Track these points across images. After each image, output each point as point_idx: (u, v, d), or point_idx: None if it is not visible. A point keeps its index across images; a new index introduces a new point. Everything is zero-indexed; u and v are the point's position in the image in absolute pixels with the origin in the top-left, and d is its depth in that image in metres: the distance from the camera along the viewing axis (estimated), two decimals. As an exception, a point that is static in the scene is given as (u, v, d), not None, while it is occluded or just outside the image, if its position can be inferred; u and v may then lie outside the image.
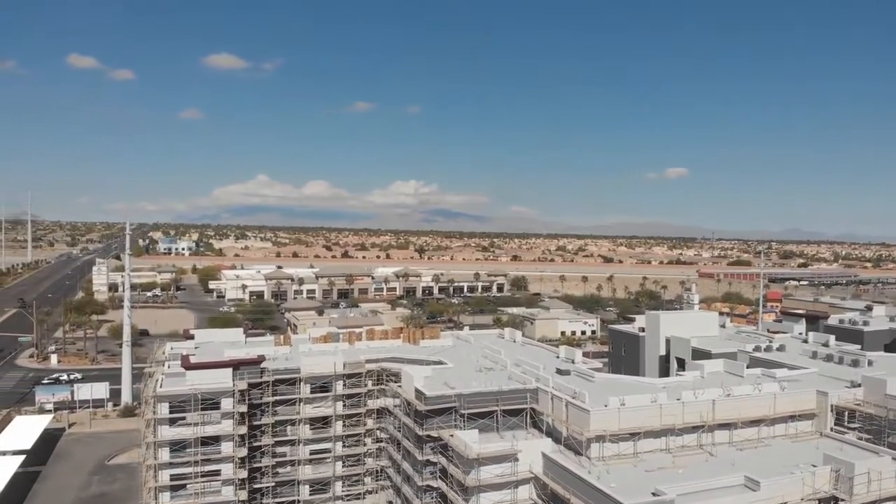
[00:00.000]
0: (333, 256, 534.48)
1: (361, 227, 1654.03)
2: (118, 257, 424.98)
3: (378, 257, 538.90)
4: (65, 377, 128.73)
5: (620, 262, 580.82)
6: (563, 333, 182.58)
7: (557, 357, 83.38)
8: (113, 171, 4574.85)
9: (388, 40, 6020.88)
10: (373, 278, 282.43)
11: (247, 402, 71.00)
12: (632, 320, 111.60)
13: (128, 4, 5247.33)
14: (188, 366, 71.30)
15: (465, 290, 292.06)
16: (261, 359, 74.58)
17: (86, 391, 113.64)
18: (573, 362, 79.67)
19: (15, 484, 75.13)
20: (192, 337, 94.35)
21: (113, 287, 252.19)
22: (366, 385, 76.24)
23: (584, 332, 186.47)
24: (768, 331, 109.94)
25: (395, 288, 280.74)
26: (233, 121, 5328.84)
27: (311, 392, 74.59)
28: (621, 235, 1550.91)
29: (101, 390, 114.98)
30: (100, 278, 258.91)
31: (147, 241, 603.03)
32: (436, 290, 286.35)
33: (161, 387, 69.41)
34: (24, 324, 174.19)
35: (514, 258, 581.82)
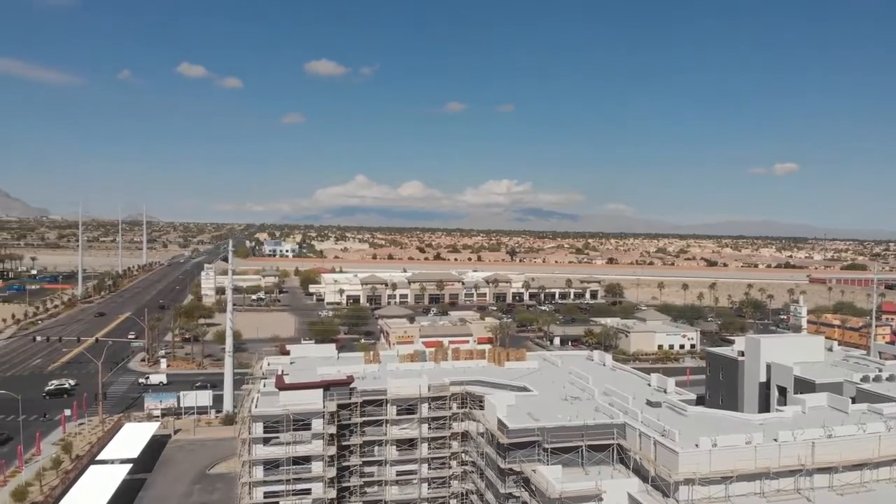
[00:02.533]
0: (426, 258, 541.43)
1: (454, 228, 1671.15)
2: (226, 259, 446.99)
3: (469, 259, 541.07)
4: (67, 384, 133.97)
5: (725, 265, 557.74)
6: (659, 347, 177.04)
7: (649, 385, 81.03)
8: (222, 173, 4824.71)
9: (479, 40, 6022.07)
10: (463, 284, 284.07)
11: (336, 423, 72.95)
12: (731, 342, 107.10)
13: (235, 15, 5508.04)
14: (282, 386, 73.99)
15: (557, 296, 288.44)
16: (350, 379, 76.35)
17: (191, 398, 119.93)
18: (665, 392, 77.26)
19: (122, 492, 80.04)
20: (288, 352, 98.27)
21: (220, 290, 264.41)
22: (450, 408, 76.67)
23: (682, 347, 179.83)
24: (880, 355, 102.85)
25: (486, 294, 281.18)
26: (333, 124, 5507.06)
27: (398, 414, 75.75)
28: (726, 235, 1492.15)
29: (204, 398, 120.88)
30: (208, 282, 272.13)
31: (253, 243, 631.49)
32: (526, 297, 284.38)
33: (256, 406, 72.38)
34: (137, 328, 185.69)
35: (610, 261, 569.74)
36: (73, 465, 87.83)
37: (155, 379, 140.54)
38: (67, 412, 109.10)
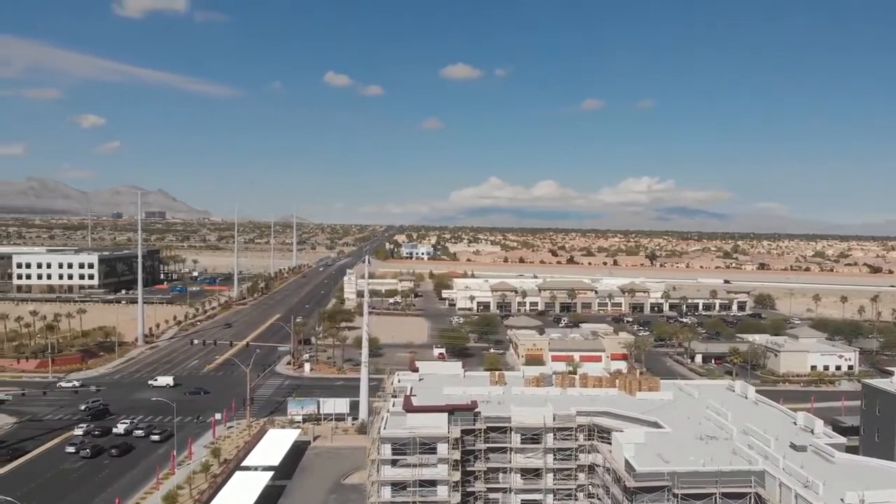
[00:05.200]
0: (559, 262, 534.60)
1: (589, 228, 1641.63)
2: (368, 261, 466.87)
3: (605, 263, 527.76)
4: (72, 385, 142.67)
5: (891, 272, 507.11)
6: (812, 368, 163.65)
7: (794, 423, 75.16)
8: (364, 177, 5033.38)
9: (616, 35, 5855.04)
10: (596, 293, 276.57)
11: (461, 448, 73.60)
12: (890, 373, 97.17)
13: (375, 24, 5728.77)
14: (409, 408, 75.83)
15: (700, 307, 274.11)
16: (474, 405, 76.79)
17: (329, 405, 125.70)
18: (812, 432, 71.34)
19: (264, 498, 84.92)
20: (417, 369, 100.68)
21: (361, 294, 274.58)
22: (576, 439, 75.06)
23: (838, 368, 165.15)
24: None
25: (621, 304, 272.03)
26: (468, 127, 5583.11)
27: (522, 442, 75.28)
28: (894, 236, 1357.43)
29: (342, 405, 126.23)
30: (350, 286, 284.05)
31: (392, 246, 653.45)
32: (665, 307, 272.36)
33: (385, 427, 74.58)
34: (283, 332, 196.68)
35: (761, 266, 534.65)
36: (220, 470, 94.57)
37: (162, 381, 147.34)
38: (218, 416, 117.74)
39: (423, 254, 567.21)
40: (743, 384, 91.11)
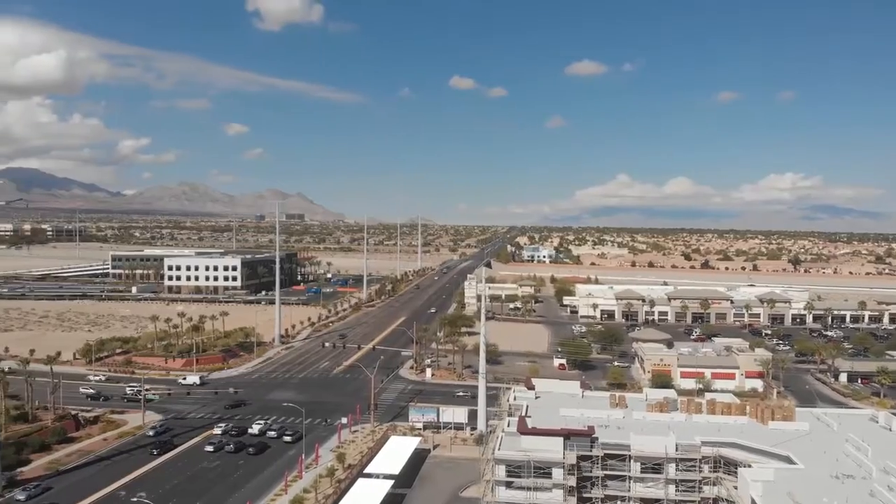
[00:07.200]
0: (692, 267, 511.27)
1: (726, 228, 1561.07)
2: (489, 265, 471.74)
3: (743, 268, 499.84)
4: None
5: None
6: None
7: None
8: (487, 178, 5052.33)
9: (751, 22, 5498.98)
10: (732, 303, 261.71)
11: (576, 474, 72.42)
12: None
13: (499, 27, 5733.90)
14: (523, 431, 75.60)
15: (848, 319, 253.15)
16: (591, 430, 75.34)
17: (449, 414, 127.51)
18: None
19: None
20: (533, 387, 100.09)
21: (480, 298, 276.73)
22: (700, 471, 71.75)
23: None
24: None
25: (759, 315, 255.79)
26: (593, 125, 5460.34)
27: (642, 471, 72.93)
28: None
29: (461, 414, 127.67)
30: (470, 291, 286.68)
31: (514, 248, 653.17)
32: (809, 319, 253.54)
33: (500, 447, 74.75)
34: (407, 336, 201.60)
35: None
36: (345, 475, 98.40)
37: (190, 380, 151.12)
38: (344, 420, 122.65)
39: (544, 257, 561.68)
40: (887, 415, 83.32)
